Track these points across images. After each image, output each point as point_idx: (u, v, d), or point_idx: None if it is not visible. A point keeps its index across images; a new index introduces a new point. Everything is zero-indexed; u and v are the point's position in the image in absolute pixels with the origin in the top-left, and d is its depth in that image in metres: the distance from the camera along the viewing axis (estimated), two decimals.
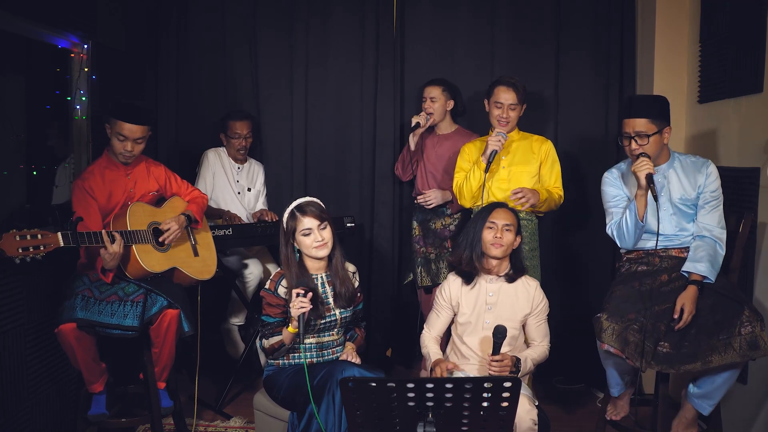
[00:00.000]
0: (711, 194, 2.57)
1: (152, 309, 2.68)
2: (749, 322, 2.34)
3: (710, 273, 2.47)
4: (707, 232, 2.55)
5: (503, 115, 3.13)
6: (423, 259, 3.55)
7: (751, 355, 2.34)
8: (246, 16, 3.82)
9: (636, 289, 2.59)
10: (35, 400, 2.82)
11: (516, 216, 2.70)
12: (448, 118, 3.56)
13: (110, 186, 2.81)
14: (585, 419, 3.30)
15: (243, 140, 3.66)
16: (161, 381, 2.88)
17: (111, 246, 2.53)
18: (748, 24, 2.82)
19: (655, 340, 2.43)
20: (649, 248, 2.66)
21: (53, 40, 3.07)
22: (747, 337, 2.33)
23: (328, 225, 2.57)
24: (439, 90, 3.48)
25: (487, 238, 2.64)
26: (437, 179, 3.55)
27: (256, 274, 3.62)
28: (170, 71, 3.87)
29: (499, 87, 3.13)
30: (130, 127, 2.73)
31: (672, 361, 2.39)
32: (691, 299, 2.44)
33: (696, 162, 2.62)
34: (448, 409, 1.76)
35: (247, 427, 3.21)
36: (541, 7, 3.68)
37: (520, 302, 2.65)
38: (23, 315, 2.75)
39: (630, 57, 3.63)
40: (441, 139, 3.57)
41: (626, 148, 2.60)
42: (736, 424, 2.83)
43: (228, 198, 3.70)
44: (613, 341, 2.46)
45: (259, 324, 2.60)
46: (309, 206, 2.56)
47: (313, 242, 2.53)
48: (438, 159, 3.54)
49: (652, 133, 2.52)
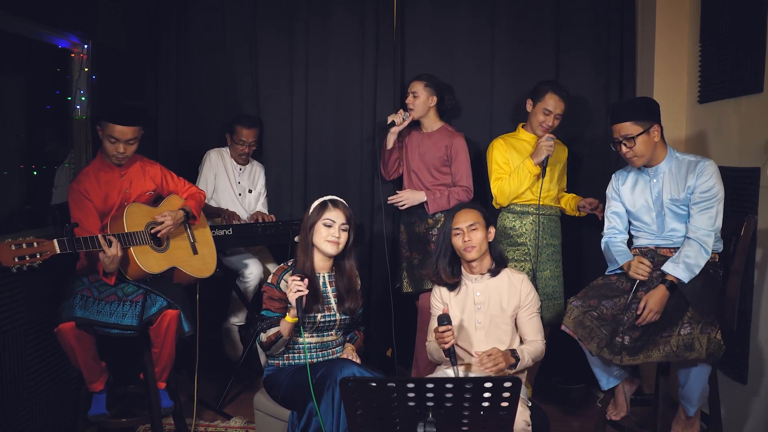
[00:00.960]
0: (701, 195, 2.54)
1: (152, 309, 2.68)
2: (689, 323, 2.40)
3: (684, 276, 2.49)
4: (693, 234, 2.54)
5: (549, 123, 3.20)
6: (408, 265, 3.47)
7: (685, 355, 2.38)
8: (246, 16, 3.82)
9: (612, 281, 2.68)
10: (35, 399, 2.82)
11: (479, 211, 2.66)
12: (432, 114, 3.45)
13: (105, 187, 2.80)
14: (585, 419, 3.31)
15: (247, 147, 3.67)
16: (161, 381, 2.88)
17: (108, 250, 2.52)
18: (748, 24, 2.82)
19: (613, 330, 2.50)
20: (643, 246, 2.71)
21: (53, 40, 3.07)
22: (685, 337, 2.39)
23: (349, 229, 2.61)
24: (422, 85, 3.38)
25: (457, 244, 2.61)
26: (421, 178, 3.45)
27: (256, 274, 3.61)
28: (170, 71, 3.87)
29: (552, 94, 3.18)
30: (121, 128, 2.73)
31: (621, 353, 2.47)
32: (655, 299, 2.47)
33: (692, 162, 2.60)
34: (448, 409, 1.76)
35: (247, 427, 3.21)
36: (541, 7, 3.68)
37: (508, 296, 2.61)
38: (23, 315, 2.75)
39: (630, 57, 3.63)
40: (425, 137, 3.47)
41: (620, 153, 2.63)
42: (736, 424, 2.83)
43: (229, 199, 3.71)
44: (570, 323, 2.60)
45: (259, 319, 2.61)
46: (342, 203, 2.64)
47: (329, 235, 2.55)
48: (422, 158, 3.45)
49: (637, 134, 2.55)
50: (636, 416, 2.83)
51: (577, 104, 3.70)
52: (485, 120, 3.72)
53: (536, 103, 3.21)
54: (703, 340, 2.35)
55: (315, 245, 2.60)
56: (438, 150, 3.39)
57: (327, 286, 2.62)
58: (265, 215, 3.68)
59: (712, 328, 2.35)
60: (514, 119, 3.61)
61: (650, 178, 2.67)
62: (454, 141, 3.39)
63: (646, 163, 2.64)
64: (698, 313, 2.41)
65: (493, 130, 3.65)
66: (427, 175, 3.44)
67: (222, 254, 3.47)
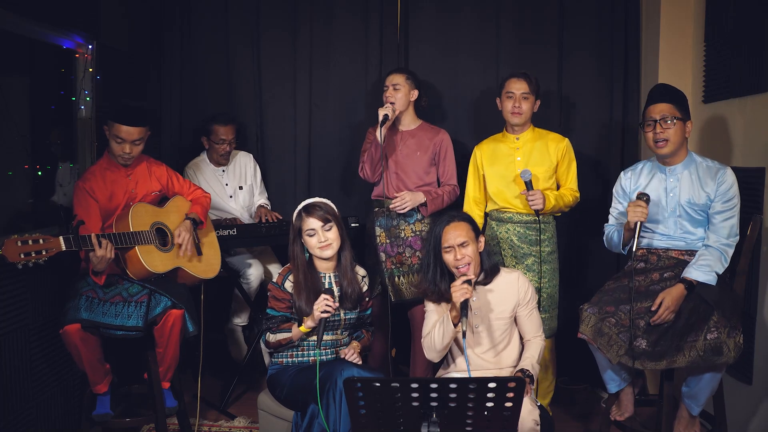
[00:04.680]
0: (723, 204, 2.52)
1: (156, 309, 2.69)
2: (716, 327, 2.39)
3: (703, 278, 2.47)
4: (715, 243, 2.52)
5: (516, 104, 3.04)
6: (388, 272, 3.25)
7: (713, 360, 2.37)
8: (250, 17, 3.82)
9: (624, 284, 2.62)
10: (40, 399, 2.83)
11: (467, 222, 2.55)
12: (411, 110, 3.30)
13: (111, 187, 2.81)
14: (589, 420, 3.30)
15: (227, 145, 3.58)
16: (165, 381, 2.88)
17: (98, 250, 2.51)
18: (752, 24, 2.81)
19: (632, 336, 2.46)
20: (654, 247, 2.68)
21: (58, 40, 3.08)
22: (711, 342, 2.38)
23: (333, 226, 2.58)
24: (403, 77, 3.22)
25: (450, 261, 2.50)
26: (404, 180, 3.29)
27: (257, 275, 3.61)
28: (174, 72, 3.88)
29: (510, 79, 3.09)
30: (127, 129, 2.73)
31: (643, 358, 2.44)
32: (673, 296, 2.44)
33: (711, 168, 2.57)
34: (452, 409, 1.76)
35: (251, 426, 3.22)
36: (545, 8, 3.68)
37: (505, 296, 2.57)
38: (28, 315, 2.76)
39: (634, 57, 3.62)
40: (406, 135, 3.31)
41: (648, 135, 2.58)
42: (740, 424, 2.83)
43: (221, 204, 3.65)
44: (589, 331, 2.53)
45: (264, 317, 2.62)
46: (315, 207, 2.59)
47: (317, 243, 2.56)
48: (407, 158, 3.28)
49: (677, 118, 2.52)
50: (640, 417, 2.83)
51: (581, 104, 3.71)
52: (490, 120, 3.71)
53: (501, 96, 3.12)
54: (730, 344, 2.35)
55: (313, 254, 2.61)
56: (425, 148, 3.29)
57: (333, 285, 2.63)
58: (269, 211, 3.65)
59: (737, 332, 2.36)
60: None
61: (666, 177, 2.64)
62: (443, 138, 3.30)
63: (668, 155, 2.59)
64: (723, 317, 2.40)
65: (498, 130, 3.64)
66: (413, 176, 3.29)
67: (226, 254, 3.47)
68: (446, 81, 3.75)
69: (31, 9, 2.76)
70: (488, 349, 2.57)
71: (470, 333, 2.57)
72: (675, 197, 2.61)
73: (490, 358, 2.57)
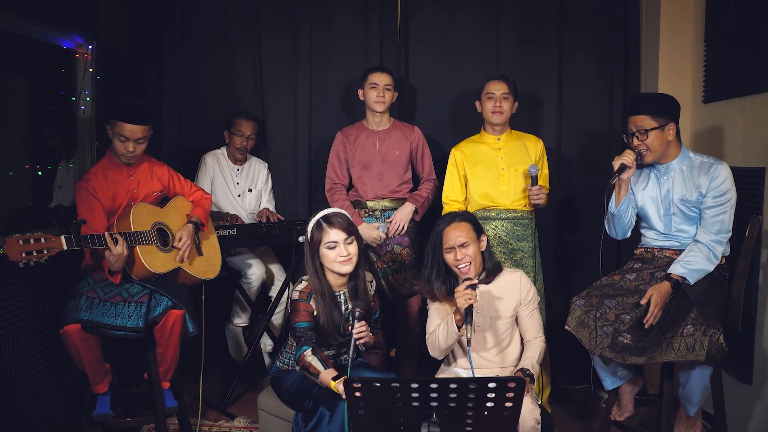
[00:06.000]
0: (714, 199, 2.52)
1: (157, 309, 2.68)
2: (692, 324, 2.38)
3: (690, 277, 2.48)
4: (703, 239, 2.53)
5: (497, 104, 3.09)
6: (381, 272, 3.27)
7: (687, 356, 2.37)
8: (250, 16, 3.82)
9: (615, 281, 2.66)
10: (40, 400, 2.83)
11: (468, 222, 2.55)
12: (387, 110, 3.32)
13: (113, 187, 2.81)
14: (589, 420, 3.30)
15: (245, 140, 3.64)
16: (165, 381, 2.88)
17: (114, 248, 2.53)
18: (752, 24, 2.81)
19: (616, 330, 2.49)
20: (649, 246, 2.70)
21: (58, 40, 3.08)
22: (687, 339, 2.38)
23: (354, 240, 2.45)
24: (391, 78, 3.27)
25: (451, 261, 2.50)
26: (386, 181, 3.29)
27: (258, 275, 3.61)
28: (174, 72, 3.88)
29: (490, 81, 3.15)
30: (131, 127, 2.74)
31: (625, 352, 2.46)
32: (660, 292, 2.45)
33: (705, 163, 2.58)
34: (452, 409, 1.76)
35: (251, 427, 3.22)
36: (545, 8, 3.68)
37: (507, 295, 2.57)
38: (28, 315, 2.76)
39: (634, 57, 3.62)
40: (382, 135, 3.31)
41: (631, 145, 2.63)
42: (740, 424, 2.83)
43: (228, 201, 3.68)
44: (573, 323, 2.59)
45: (292, 331, 2.49)
46: (336, 218, 2.45)
47: (337, 257, 2.41)
48: (385, 157, 3.28)
49: (651, 128, 2.55)
50: (640, 417, 2.83)
51: (581, 104, 3.70)
52: None
53: (481, 99, 3.15)
54: (704, 342, 2.33)
55: (328, 269, 2.47)
56: (403, 147, 3.30)
57: (348, 303, 2.54)
58: (272, 213, 3.66)
59: (715, 330, 2.34)
60: (517, 119, 3.60)
61: (660, 176, 2.66)
62: (418, 134, 3.34)
63: (656, 160, 2.62)
64: (702, 314, 2.40)
65: None
66: (393, 177, 3.29)
67: (226, 254, 3.47)
68: (446, 81, 3.75)
69: (31, 9, 2.76)
70: (491, 348, 2.57)
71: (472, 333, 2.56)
72: (669, 195, 2.63)
73: (493, 357, 2.58)
